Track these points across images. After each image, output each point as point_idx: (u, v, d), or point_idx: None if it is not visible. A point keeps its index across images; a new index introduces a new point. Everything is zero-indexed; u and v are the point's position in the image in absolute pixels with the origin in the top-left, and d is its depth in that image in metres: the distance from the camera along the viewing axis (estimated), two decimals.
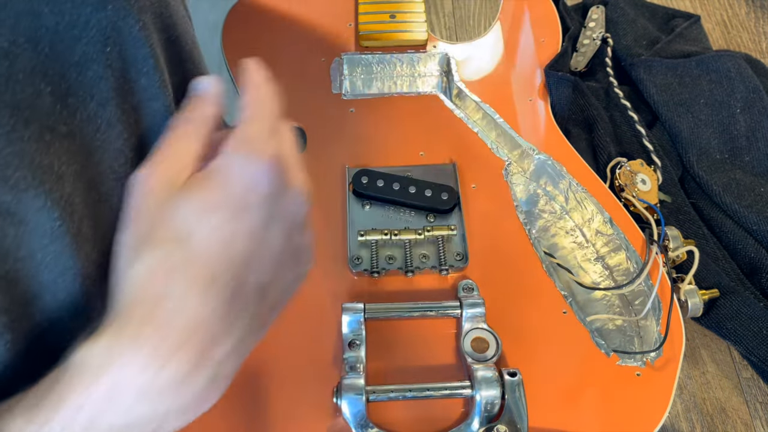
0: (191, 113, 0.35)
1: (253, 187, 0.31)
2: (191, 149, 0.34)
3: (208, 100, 0.36)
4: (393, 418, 0.44)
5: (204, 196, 0.31)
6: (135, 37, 0.36)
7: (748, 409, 0.50)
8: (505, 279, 0.50)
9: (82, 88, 0.34)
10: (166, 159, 0.33)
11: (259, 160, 0.32)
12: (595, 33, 0.67)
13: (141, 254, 0.30)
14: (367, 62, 0.63)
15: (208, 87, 0.37)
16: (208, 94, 0.37)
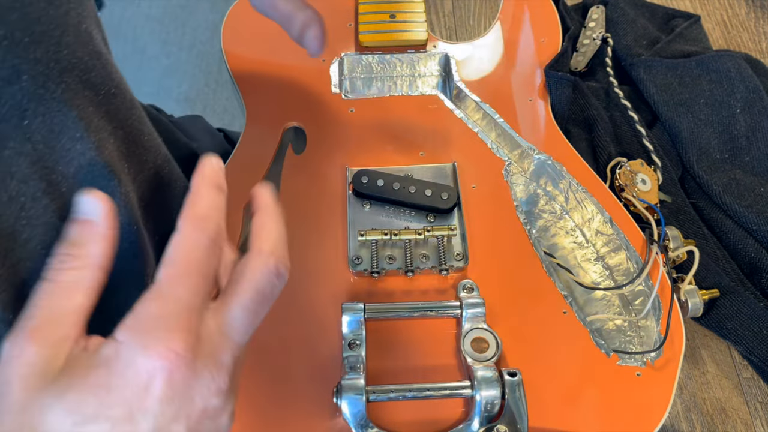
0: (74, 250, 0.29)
1: (145, 389, 0.26)
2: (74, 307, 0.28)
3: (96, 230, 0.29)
4: (393, 418, 0.44)
5: (82, 399, 0.26)
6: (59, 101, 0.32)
7: (748, 409, 0.50)
8: (505, 279, 0.50)
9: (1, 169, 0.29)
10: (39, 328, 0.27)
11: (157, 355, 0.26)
12: (595, 33, 0.67)
13: None
14: (367, 62, 0.63)
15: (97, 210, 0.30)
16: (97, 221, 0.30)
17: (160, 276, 0.28)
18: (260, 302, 0.30)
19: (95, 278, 0.29)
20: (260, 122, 0.58)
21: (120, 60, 1.39)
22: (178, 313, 0.27)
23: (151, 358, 0.26)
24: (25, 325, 0.27)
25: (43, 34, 0.31)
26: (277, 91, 0.60)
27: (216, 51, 1.83)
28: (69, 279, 0.29)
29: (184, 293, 0.28)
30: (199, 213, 0.30)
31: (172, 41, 1.82)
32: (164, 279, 0.28)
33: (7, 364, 0.27)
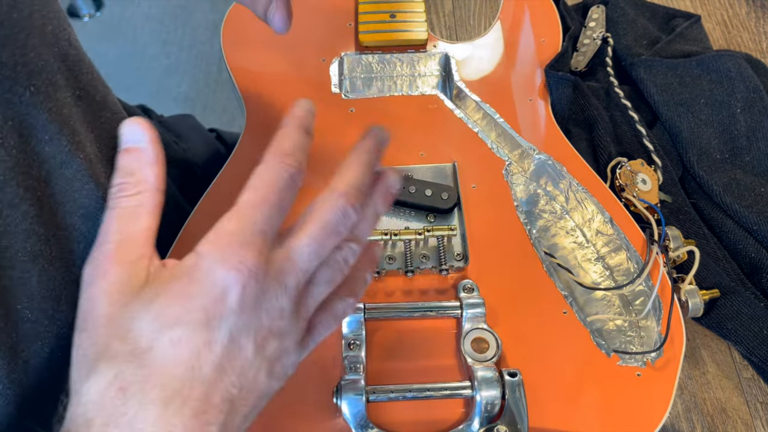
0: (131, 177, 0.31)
1: (218, 299, 0.28)
2: (143, 228, 0.30)
3: (147, 156, 0.31)
4: (393, 418, 0.44)
5: (164, 306, 0.28)
6: (28, 104, 0.32)
7: (749, 409, 0.50)
8: (505, 279, 0.50)
9: None
10: (116, 250, 0.29)
11: (232, 267, 0.28)
12: (595, 33, 0.67)
13: (96, 368, 0.28)
14: (367, 62, 0.63)
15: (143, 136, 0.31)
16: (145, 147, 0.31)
17: (242, 199, 0.30)
18: (326, 235, 0.32)
19: (155, 200, 0.31)
20: (260, 122, 0.58)
21: (120, 60, 1.41)
22: (253, 233, 0.29)
23: (228, 269, 0.28)
24: (102, 249, 0.30)
25: (8, 37, 0.31)
26: (277, 91, 0.60)
27: (216, 51, 1.83)
28: (133, 204, 0.30)
29: (260, 218, 0.30)
30: (285, 149, 0.33)
31: (172, 41, 1.82)
32: (244, 202, 0.30)
33: (91, 284, 0.29)
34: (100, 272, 0.29)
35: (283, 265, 0.30)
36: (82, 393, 0.28)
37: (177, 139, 0.67)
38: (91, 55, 0.44)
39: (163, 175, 0.32)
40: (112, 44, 1.79)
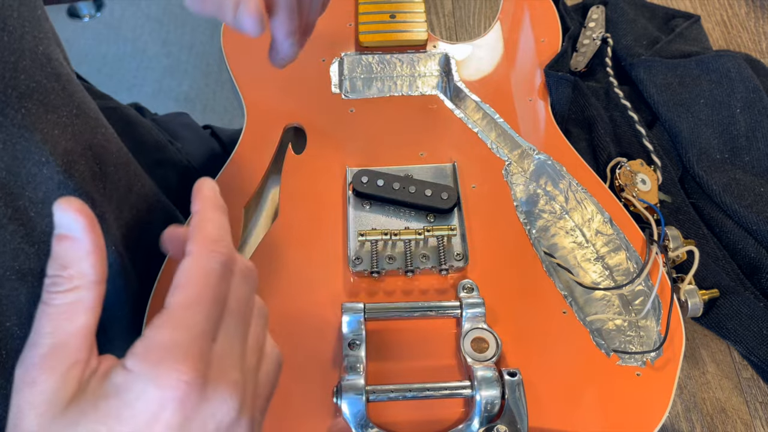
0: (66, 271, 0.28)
1: (155, 418, 0.26)
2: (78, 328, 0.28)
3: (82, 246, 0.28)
4: (393, 418, 0.44)
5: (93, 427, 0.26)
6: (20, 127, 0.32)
7: (748, 409, 0.50)
8: (505, 279, 0.50)
9: None
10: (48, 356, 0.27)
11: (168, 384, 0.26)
12: (595, 33, 0.67)
13: None
14: (367, 62, 0.63)
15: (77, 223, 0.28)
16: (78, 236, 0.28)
17: (171, 302, 0.28)
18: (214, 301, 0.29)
19: (93, 295, 0.28)
20: (260, 122, 0.58)
21: (120, 60, 1.41)
22: (190, 341, 0.27)
23: (162, 388, 0.26)
24: (32, 353, 0.27)
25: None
26: (277, 91, 0.60)
27: (216, 51, 1.83)
28: (67, 301, 0.28)
29: (196, 320, 0.27)
30: (209, 236, 0.30)
31: (172, 41, 1.82)
32: (175, 306, 0.28)
33: (19, 392, 0.27)
34: (28, 380, 0.27)
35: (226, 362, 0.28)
36: None
37: (172, 138, 0.67)
38: (91, 55, 0.45)
39: (102, 265, 0.29)
40: (112, 44, 1.79)
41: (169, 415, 0.26)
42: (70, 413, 0.26)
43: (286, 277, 0.49)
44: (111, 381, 0.26)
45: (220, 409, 0.27)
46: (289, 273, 0.49)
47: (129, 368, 0.26)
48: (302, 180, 0.55)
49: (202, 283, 0.28)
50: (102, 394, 0.26)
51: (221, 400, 0.27)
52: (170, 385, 0.26)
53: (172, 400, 0.26)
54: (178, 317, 0.27)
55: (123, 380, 0.26)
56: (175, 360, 0.26)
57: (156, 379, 0.26)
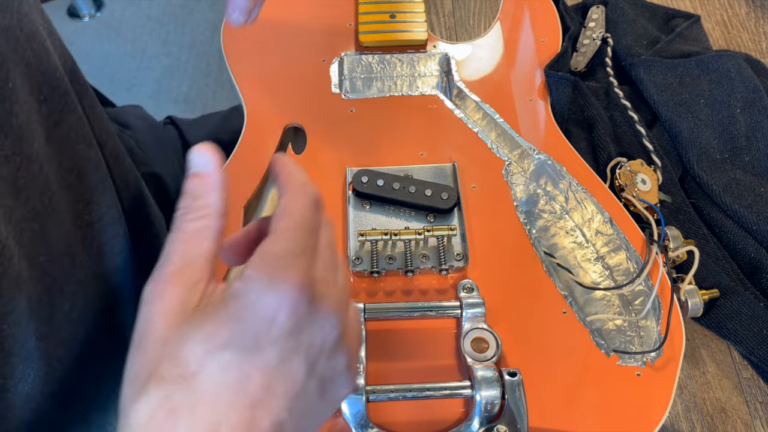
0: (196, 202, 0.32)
1: (271, 320, 0.28)
2: (203, 252, 0.31)
3: (212, 182, 0.32)
4: (393, 418, 0.44)
5: (215, 330, 0.28)
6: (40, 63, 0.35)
7: (748, 409, 0.50)
8: (505, 279, 0.50)
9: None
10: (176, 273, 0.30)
11: (282, 289, 0.29)
12: (595, 33, 0.67)
13: (145, 389, 0.28)
14: (367, 62, 0.63)
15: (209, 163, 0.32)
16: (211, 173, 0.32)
17: (277, 227, 0.31)
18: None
19: (218, 225, 0.32)
20: (260, 122, 0.58)
21: (120, 60, 1.40)
22: (299, 254, 0.30)
23: (277, 292, 0.28)
24: (164, 270, 0.30)
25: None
26: (277, 91, 0.60)
27: (216, 51, 1.83)
28: (196, 227, 0.31)
29: (301, 239, 0.30)
30: (299, 179, 0.33)
31: (172, 41, 1.82)
32: (283, 227, 0.31)
33: (150, 303, 0.30)
34: (158, 292, 0.30)
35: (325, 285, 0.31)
36: (131, 415, 0.28)
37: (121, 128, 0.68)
38: (92, 55, 0.46)
39: (225, 201, 0.33)
40: (112, 44, 1.79)
41: (284, 319, 0.28)
42: (196, 317, 0.29)
43: None
44: (232, 289, 0.29)
45: (325, 324, 0.30)
46: None
47: (246, 275, 0.29)
48: None
49: (304, 213, 0.31)
50: (224, 300, 0.29)
51: (327, 315, 0.30)
52: (285, 289, 0.28)
53: (288, 304, 0.28)
54: (287, 236, 0.30)
55: (242, 286, 0.29)
56: (288, 267, 0.29)
57: (272, 283, 0.28)
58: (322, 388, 0.31)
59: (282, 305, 0.28)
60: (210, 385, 0.28)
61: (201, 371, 0.28)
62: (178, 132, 0.76)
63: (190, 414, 0.27)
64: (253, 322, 0.28)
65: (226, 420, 0.27)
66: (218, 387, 0.28)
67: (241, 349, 0.28)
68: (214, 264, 0.31)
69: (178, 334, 0.28)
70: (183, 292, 0.30)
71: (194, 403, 0.27)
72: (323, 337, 0.30)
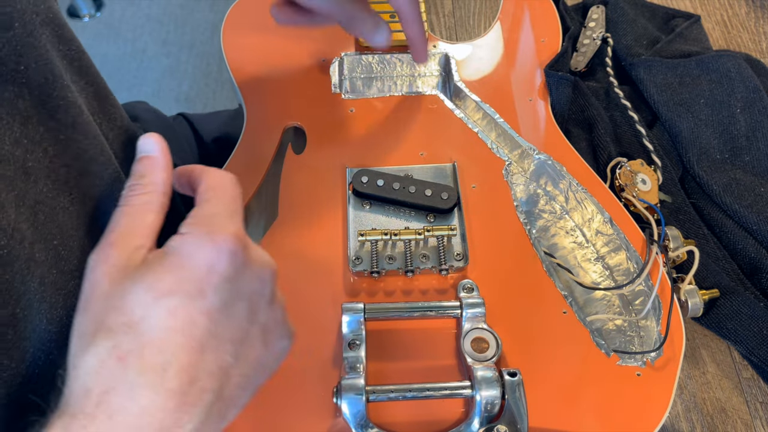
0: (142, 180, 0.34)
1: (209, 269, 0.30)
2: (146, 223, 0.33)
3: (157, 163, 0.35)
4: (393, 418, 0.44)
5: (158, 279, 0.30)
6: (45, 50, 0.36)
7: (748, 409, 0.50)
8: (505, 279, 0.50)
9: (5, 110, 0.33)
10: (119, 238, 0.32)
11: (216, 241, 0.31)
12: (595, 33, 0.67)
13: (93, 341, 0.29)
14: (367, 62, 0.63)
15: (155, 147, 0.36)
16: (157, 155, 0.35)
17: (206, 195, 0.33)
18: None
19: (161, 201, 0.34)
20: (260, 122, 0.58)
21: (120, 60, 1.40)
22: (232, 210, 0.33)
23: (216, 242, 0.30)
24: (107, 237, 0.32)
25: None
26: (277, 91, 0.60)
27: (216, 51, 1.83)
28: (140, 202, 0.33)
29: (230, 198, 0.34)
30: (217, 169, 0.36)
31: (172, 41, 1.82)
32: (211, 188, 0.34)
33: (93, 269, 0.31)
34: (102, 257, 0.31)
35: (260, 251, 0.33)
36: (80, 366, 0.29)
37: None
38: (91, 55, 0.46)
39: (170, 181, 0.35)
40: (112, 44, 1.79)
41: (223, 266, 0.30)
42: (139, 271, 0.30)
43: (286, 277, 0.49)
44: (171, 243, 0.31)
45: (262, 273, 0.32)
46: (289, 273, 0.49)
47: (185, 231, 0.31)
48: (302, 180, 0.55)
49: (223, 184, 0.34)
50: (165, 254, 0.31)
51: (262, 265, 0.32)
52: (223, 238, 0.31)
53: (225, 251, 0.30)
54: (215, 202, 0.33)
55: (181, 239, 0.31)
56: (222, 223, 0.31)
57: (210, 233, 0.31)
58: (265, 337, 0.33)
59: (221, 253, 0.30)
60: (156, 329, 0.29)
61: (147, 317, 0.29)
62: (190, 126, 0.76)
63: (138, 358, 0.28)
64: (194, 270, 0.30)
65: (174, 361, 0.29)
66: (165, 331, 0.29)
67: (186, 294, 0.29)
68: (156, 235, 0.33)
69: (122, 288, 0.30)
70: (126, 254, 0.31)
71: (142, 347, 0.28)
72: (261, 285, 0.32)
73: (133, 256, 0.31)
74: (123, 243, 0.32)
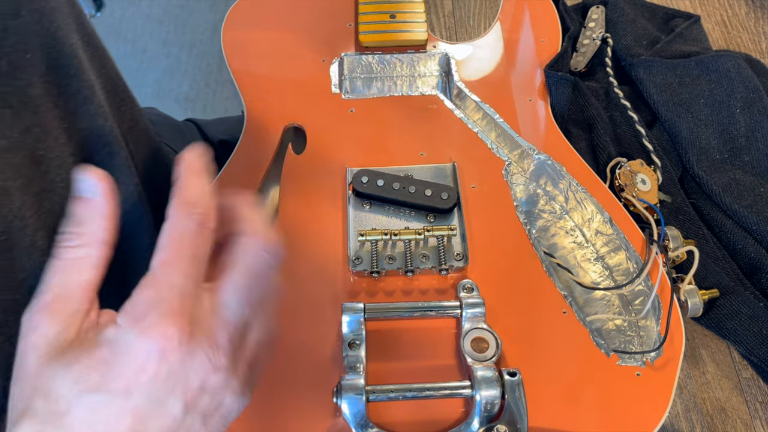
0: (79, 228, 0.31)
1: (138, 369, 0.28)
2: (82, 282, 0.30)
3: (97, 209, 0.31)
4: (393, 418, 0.44)
5: (86, 372, 0.28)
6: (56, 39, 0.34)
7: (748, 409, 0.50)
8: (505, 279, 0.50)
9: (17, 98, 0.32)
10: (53, 303, 0.30)
11: (148, 339, 0.28)
12: (595, 33, 0.67)
13: (21, 421, 0.28)
14: (367, 62, 0.63)
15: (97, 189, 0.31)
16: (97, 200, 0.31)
17: (154, 263, 0.30)
18: (252, 280, 0.32)
19: (100, 254, 0.31)
20: (260, 122, 0.58)
21: (120, 60, 1.41)
22: (171, 298, 0.29)
23: (147, 341, 0.28)
24: (39, 300, 0.30)
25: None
26: (277, 91, 0.60)
27: (216, 51, 1.83)
28: (76, 256, 0.30)
29: (176, 279, 0.30)
30: (187, 199, 0.32)
31: (172, 41, 1.82)
32: (157, 265, 0.30)
33: (25, 336, 0.29)
34: (33, 325, 0.29)
35: (212, 323, 0.30)
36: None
37: None
38: None
39: (113, 229, 0.32)
40: (112, 44, 1.79)
41: (155, 366, 0.28)
42: (67, 357, 0.29)
43: (286, 277, 0.49)
44: (103, 334, 0.29)
45: (204, 366, 0.30)
46: (289, 273, 0.49)
47: (119, 323, 0.29)
48: (302, 180, 0.55)
49: (178, 242, 0.30)
50: (96, 344, 0.29)
51: (205, 357, 0.29)
52: (154, 337, 0.28)
53: (156, 351, 0.28)
54: (159, 276, 0.30)
55: (113, 333, 0.29)
56: (159, 315, 0.29)
57: (141, 332, 0.29)
58: (205, 420, 0.31)
59: (151, 354, 0.28)
60: (80, 424, 0.28)
61: (71, 410, 0.28)
62: (198, 130, 0.77)
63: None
64: (122, 368, 0.28)
65: None
66: (88, 427, 0.28)
67: (111, 393, 0.28)
68: (94, 294, 0.31)
69: (50, 371, 0.29)
70: (57, 326, 0.29)
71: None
72: (203, 377, 0.30)
73: (65, 326, 0.29)
74: (56, 309, 0.30)
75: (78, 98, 0.37)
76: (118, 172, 0.43)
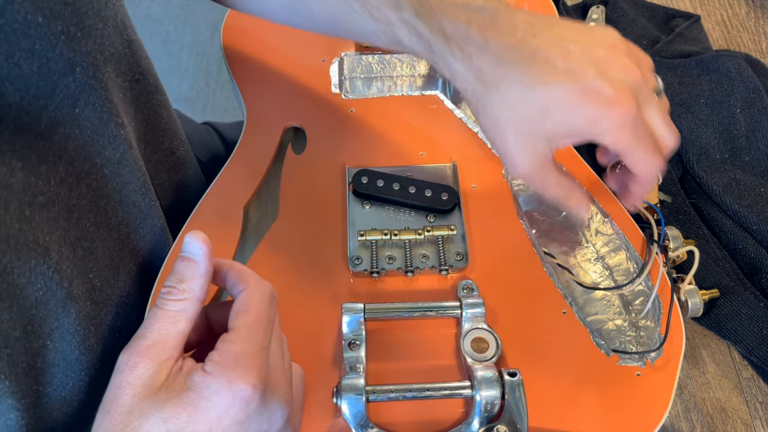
0: (182, 285, 0.35)
1: (222, 414, 0.32)
2: (178, 332, 0.34)
3: (198, 270, 0.35)
4: (393, 418, 0.44)
5: (174, 413, 0.32)
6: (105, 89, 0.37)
7: (748, 409, 0.50)
8: (505, 279, 0.50)
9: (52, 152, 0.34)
10: (151, 348, 0.33)
11: (234, 389, 0.32)
12: None
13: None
14: (367, 62, 0.63)
15: (199, 251, 0.36)
16: (199, 261, 0.35)
17: (236, 323, 0.34)
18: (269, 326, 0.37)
19: (195, 309, 0.35)
20: (260, 122, 0.58)
21: None
22: (255, 353, 0.34)
23: (233, 389, 0.32)
24: (138, 342, 0.33)
25: (91, 27, 0.36)
26: (277, 91, 0.60)
27: (216, 51, 1.82)
28: (176, 309, 0.34)
29: (259, 337, 0.34)
30: (254, 275, 0.37)
31: (172, 41, 1.82)
32: (242, 324, 0.34)
33: (121, 372, 0.33)
34: (131, 363, 0.33)
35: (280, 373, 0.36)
36: None
37: None
38: None
39: (207, 288, 0.36)
40: None
41: (235, 412, 0.32)
42: (160, 396, 0.32)
43: (286, 277, 0.49)
44: (192, 378, 0.33)
45: (274, 414, 0.34)
46: (289, 273, 0.49)
47: (207, 371, 0.33)
48: (302, 180, 0.55)
49: (261, 308, 0.35)
50: (185, 388, 0.32)
51: (276, 406, 0.34)
52: (240, 387, 0.32)
53: (241, 399, 0.32)
54: (246, 334, 0.34)
55: (202, 379, 0.33)
56: (245, 367, 0.33)
57: (229, 381, 0.32)
58: None
59: (235, 401, 0.32)
60: None
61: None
62: (218, 134, 0.77)
63: None
64: (208, 413, 0.32)
65: None
66: None
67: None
68: (184, 343, 0.35)
69: (142, 409, 0.32)
70: (153, 367, 0.33)
71: None
72: (270, 424, 0.34)
73: (159, 370, 0.33)
74: (153, 354, 0.33)
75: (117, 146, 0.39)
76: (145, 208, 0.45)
